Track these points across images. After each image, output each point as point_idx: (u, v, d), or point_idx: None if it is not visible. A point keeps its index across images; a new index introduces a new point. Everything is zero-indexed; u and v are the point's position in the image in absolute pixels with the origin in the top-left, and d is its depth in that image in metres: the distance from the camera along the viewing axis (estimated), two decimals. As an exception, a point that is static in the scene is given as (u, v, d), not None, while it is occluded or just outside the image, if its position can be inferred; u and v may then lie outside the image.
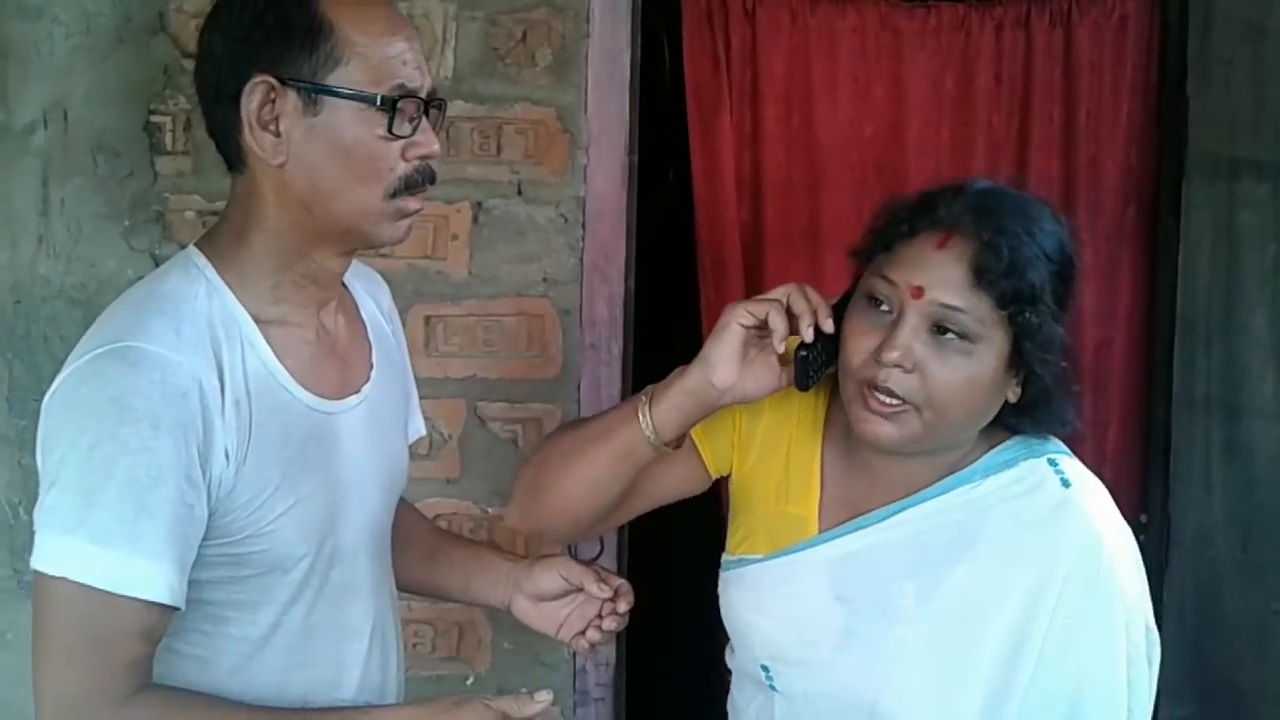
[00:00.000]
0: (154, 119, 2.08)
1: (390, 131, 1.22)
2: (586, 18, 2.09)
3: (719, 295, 2.28)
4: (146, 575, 1.15)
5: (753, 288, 2.28)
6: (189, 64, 2.06)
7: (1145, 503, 2.23)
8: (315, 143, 1.22)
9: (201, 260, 1.29)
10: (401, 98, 1.22)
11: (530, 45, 2.09)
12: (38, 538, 1.18)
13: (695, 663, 1.61)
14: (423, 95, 1.26)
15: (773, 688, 1.43)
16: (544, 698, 1.26)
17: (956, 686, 1.32)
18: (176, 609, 1.19)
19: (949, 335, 1.28)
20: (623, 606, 1.47)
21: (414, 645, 2.08)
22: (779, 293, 1.34)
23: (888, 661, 1.35)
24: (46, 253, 2.10)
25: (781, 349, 1.33)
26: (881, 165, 2.25)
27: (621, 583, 1.46)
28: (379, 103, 1.21)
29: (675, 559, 2.67)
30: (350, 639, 1.37)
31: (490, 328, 2.12)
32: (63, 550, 1.16)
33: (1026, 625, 1.31)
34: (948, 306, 1.27)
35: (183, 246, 2.06)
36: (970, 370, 1.28)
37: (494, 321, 2.12)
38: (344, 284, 1.41)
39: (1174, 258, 2.15)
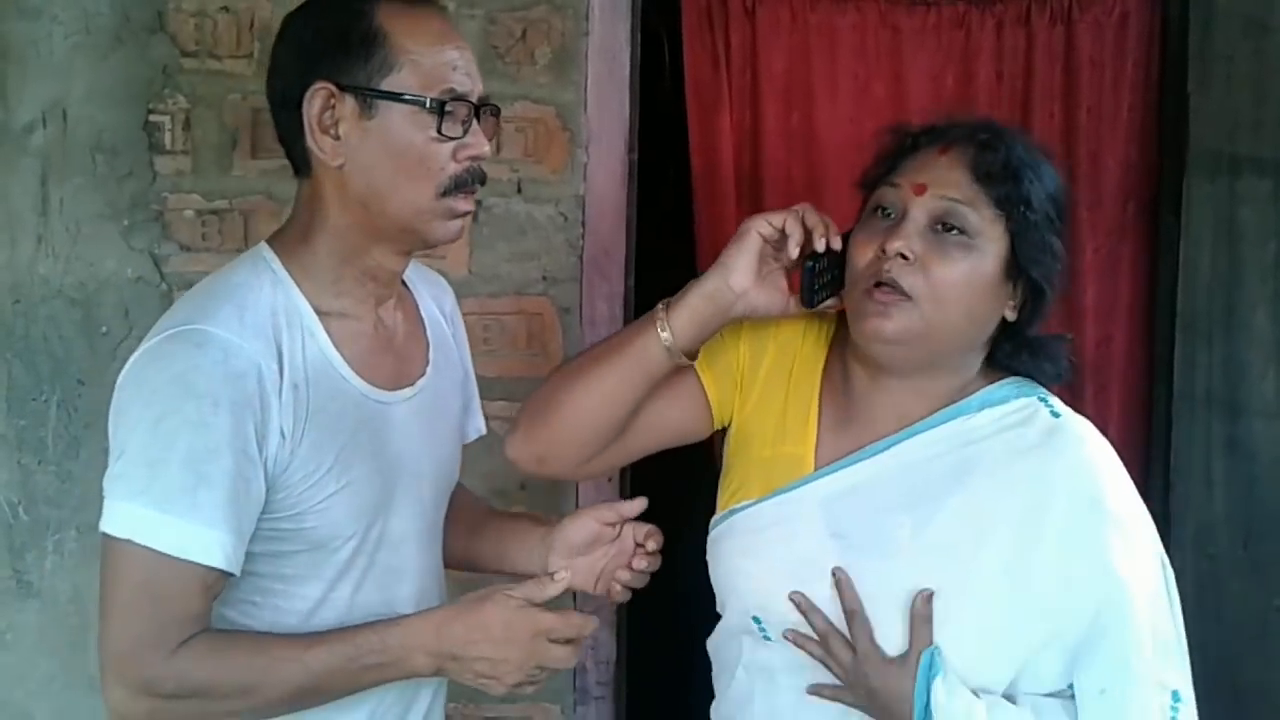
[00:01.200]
0: (153, 118, 2.09)
1: (440, 132, 1.30)
2: (586, 16, 2.09)
3: (719, 293, 2.28)
4: (204, 541, 1.24)
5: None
6: (188, 63, 2.08)
7: (1146, 499, 2.21)
8: (371, 144, 1.30)
9: (269, 254, 1.37)
10: (451, 100, 1.30)
11: (530, 43, 2.09)
12: (106, 503, 1.26)
13: (696, 661, 1.61)
14: (473, 99, 1.33)
15: (767, 638, 1.44)
16: (563, 575, 1.35)
17: (949, 620, 1.34)
18: (232, 574, 1.28)
19: (951, 231, 1.35)
20: (652, 545, 1.51)
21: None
22: (795, 208, 1.41)
23: (877, 597, 1.36)
24: (45, 252, 2.10)
25: (796, 253, 1.39)
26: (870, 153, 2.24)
27: (650, 526, 1.51)
28: (429, 105, 1.29)
29: (677, 557, 2.67)
30: None
31: (490, 326, 2.12)
32: (128, 515, 1.25)
33: (1024, 554, 1.33)
34: (949, 199, 1.35)
35: (181, 246, 2.09)
36: (970, 265, 1.35)
37: (494, 320, 2.12)
38: (406, 285, 1.50)
39: (1175, 254, 2.15)
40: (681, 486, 1.80)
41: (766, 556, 1.43)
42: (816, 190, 2.23)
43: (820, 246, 1.39)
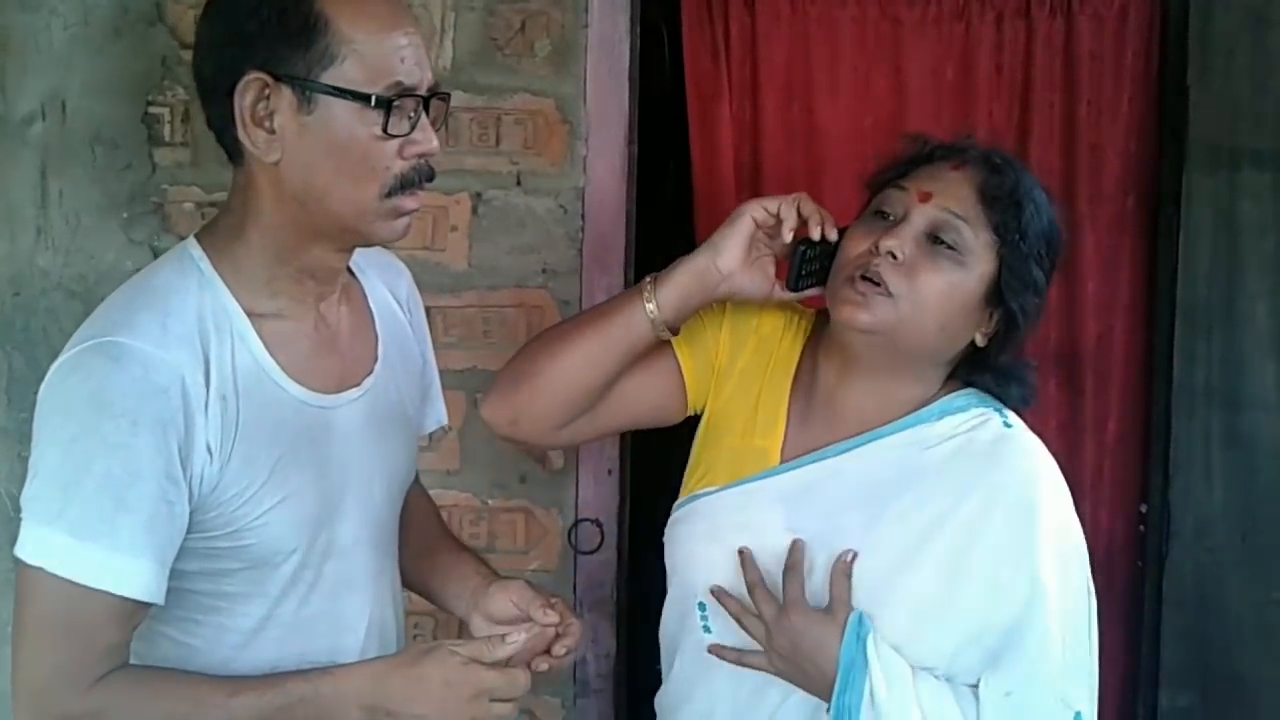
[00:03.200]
0: (152, 110, 2.08)
1: (385, 131, 1.20)
2: (585, 8, 2.09)
3: (719, 286, 2.28)
4: (122, 570, 1.16)
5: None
6: (187, 55, 2.07)
7: (1145, 492, 2.23)
8: (310, 141, 1.20)
9: (198, 252, 1.28)
10: (398, 96, 1.20)
11: (529, 35, 2.09)
12: (22, 525, 1.19)
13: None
14: (422, 92, 1.23)
15: (707, 629, 1.46)
16: (516, 639, 1.27)
17: (882, 609, 1.37)
18: (153, 604, 1.20)
19: (943, 245, 1.37)
20: (570, 641, 1.38)
21: (414, 637, 2.08)
22: (793, 196, 1.44)
23: (819, 592, 1.39)
24: (45, 245, 2.10)
25: (790, 238, 1.42)
26: (881, 155, 2.24)
27: (572, 620, 1.39)
28: (374, 102, 1.19)
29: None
30: (345, 633, 1.37)
31: (490, 319, 2.12)
32: (41, 541, 1.17)
33: (960, 554, 1.36)
34: (951, 212, 1.37)
35: (181, 238, 2.07)
36: (955, 280, 1.37)
37: (494, 313, 2.12)
38: (352, 273, 1.41)
39: (1174, 247, 2.14)
40: (680, 478, 1.79)
41: (722, 541, 1.45)
42: (816, 182, 2.23)
43: (815, 235, 1.41)
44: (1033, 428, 1.48)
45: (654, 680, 1.67)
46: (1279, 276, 2.12)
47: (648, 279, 1.47)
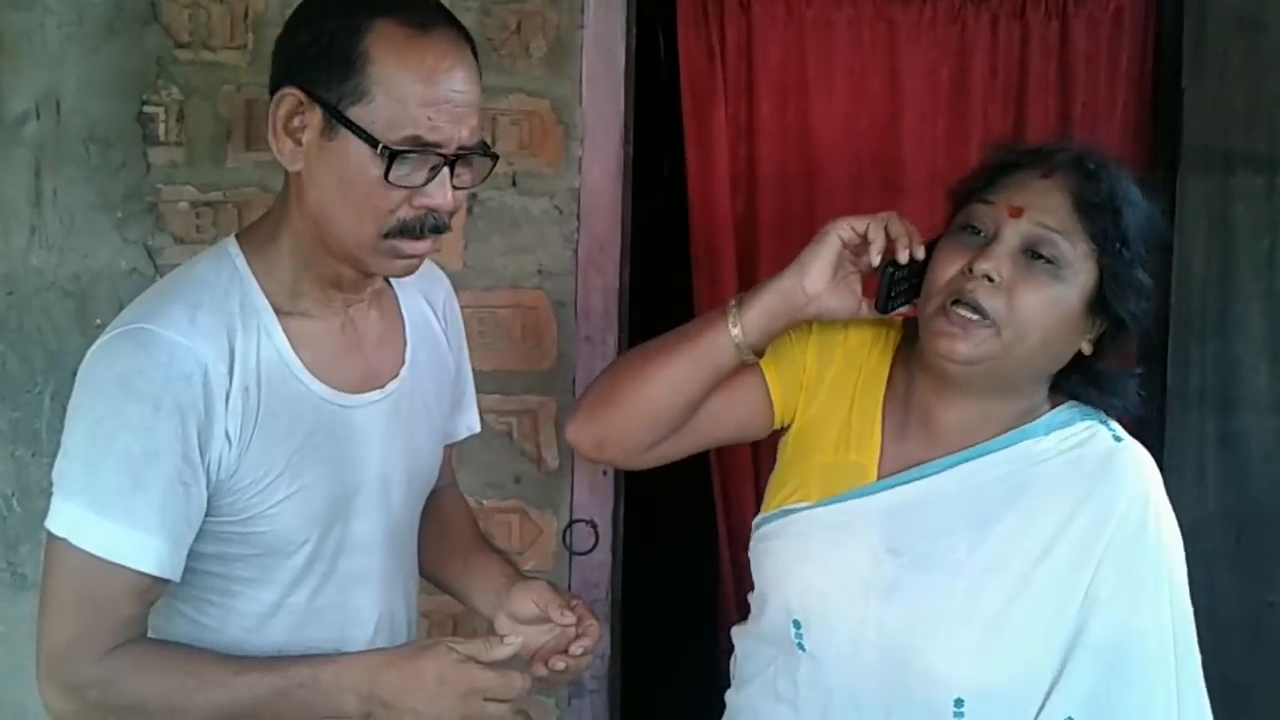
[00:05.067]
0: (147, 109, 2.08)
1: (388, 179, 1.21)
2: (581, 9, 2.09)
3: (713, 288, 2.28)
4: (138, 546, 1.22)
5: (746, 280, 2.28)
6: (182, 54, 2.07)
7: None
8: (327, 165, 1.24)
9: (235, 249, 1.33)
10: (413, 150, 1.21)
11: (525, 36, 2.09)
12: (52, 498, 1.25)
13: (690, 655, 1.61)
14: (448, 149, 1.23)
15: (801, 647, 1.41)
16: (513, 640, 1.30)
17: (994, 638, 1.32)
18: (168, 580, 1.25)
19: (1040, 260, 1.31)
20: (588, 642, 1.40)
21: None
22: (881, 215, 1.39)
23: (930, 616, 1.35)
24: (39, 244, 2.09)
25: (877, 260, 1.37)
26: (877, 158, 2.24)
27: (591, 622, 1.41)
28: (379, 150, 1.21)
29: (671, 553, 2.67)
30: (354, 626, 1.40)
31: (485, 320, 2.11)
32: (67, 514, 1.23)
33: (1070, 575, 1.32)
34: (1045, 227, 1.31)
35: (175, 237, 2.09)
36: (1056, 295, 1.32)
37: (489, 313, 2.12)
38: (387, 280, 1.44)
39: (1168, 250, 2.14)
40: (675, 480, 1.80)
41: (818, 561, 1.42)
42: (810, 184, 2.23)
43: (903, 257, 1.37)
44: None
45: (647, 682, 1.66)
46: (1272, 279, 2.12)
47: (732, 301, 1.43)
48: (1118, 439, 1.40)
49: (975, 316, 1.31)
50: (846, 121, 2.23)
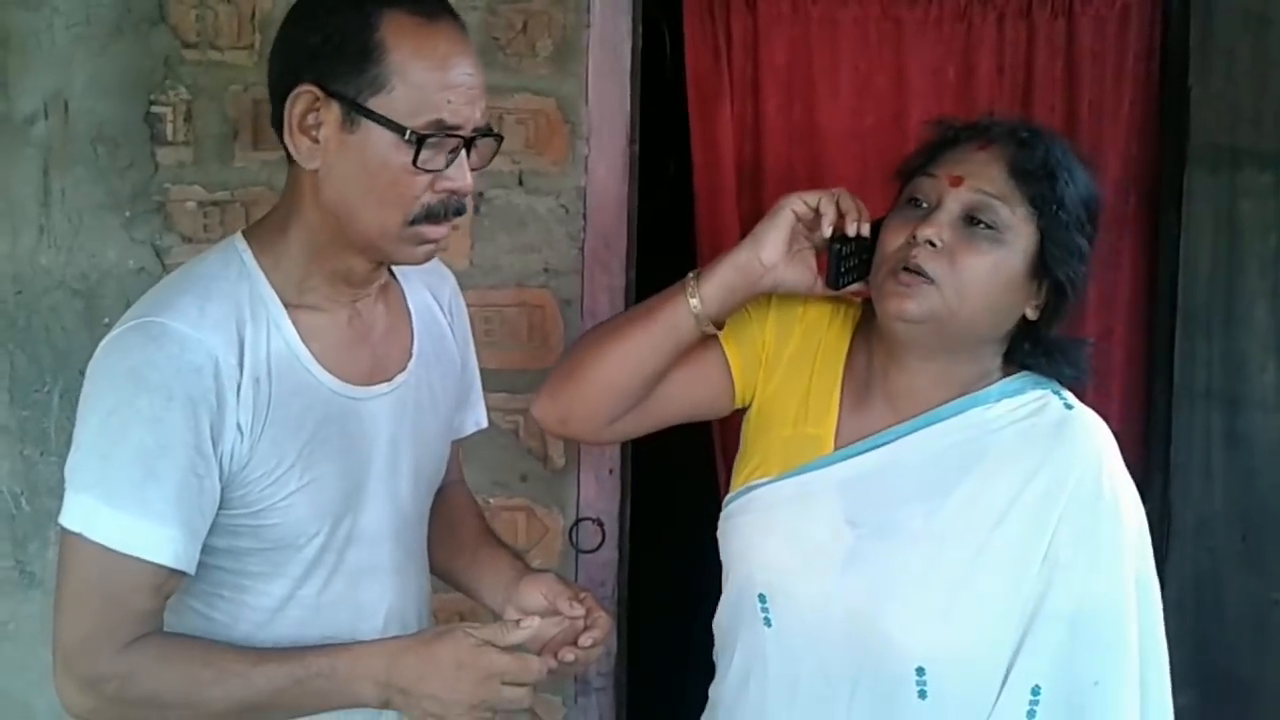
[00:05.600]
0: (154, 109, 2.09)
1: (417, 164, 1.24)
2: (587, 7, 2.09)
3: (720, 286, 2.28)
4: (152, 538, 1.23)
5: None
6: (189, 54, 2.08)
7: (1145, 492, 2.19)
8: (348, 158, 1.26)
9: (242, 244, 1.34)
10: (436, 133, 1.24)
11: (531, 35, 2.09)
12: (65, 493, 1.25)
13: (696, 653, 1.61)
14: (465, 132, 1.27)
15: (767, 622, 1.44)
16: (530, 623, 1.32)
17: (953, 606, 1.36)
18: (183, 572, 1.26)
19: (980, 225, 1.37)
20: (597, 634, 1.42)
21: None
22: (832, 190, 1.45)
23: (889, 586, 1.38)
24: (47, 243, 2.10)
25: (829, 233, 1.42)
26: (883, 156, 2.23)
27: (600, 614, 1.43)
28: (407, 135, 1.23)
29: (677, 550, 2.67)
30: (364, 619, 1.41)
31: (491, 318, 2.12)
32: (81, 507, 1.24)
33: (1028, 542, 1.36)
34: (984, 193, 1.37)
35: (183, 237, 2.10)
36: (996, 259, 1.37)
37: (495, 312, 2.12)
38: (393, 275, 1.46)
39: (1175, 248, 2.14)
40: (681, 477, 1.80)
41: (781, 533, 1.45)
42: (818, 183, 2.22)
43: (852, 231, 1.42)
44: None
45: (654, 679, 1.67)
46: (1279, 277, 2.12)
47: (691, 275, 1.47)
48: (1069, 406, 1.44)
49: (921, 278, 1.35)
50: (852, 119, 2.23)
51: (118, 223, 2.10)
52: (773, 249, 1.43)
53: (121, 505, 1.22)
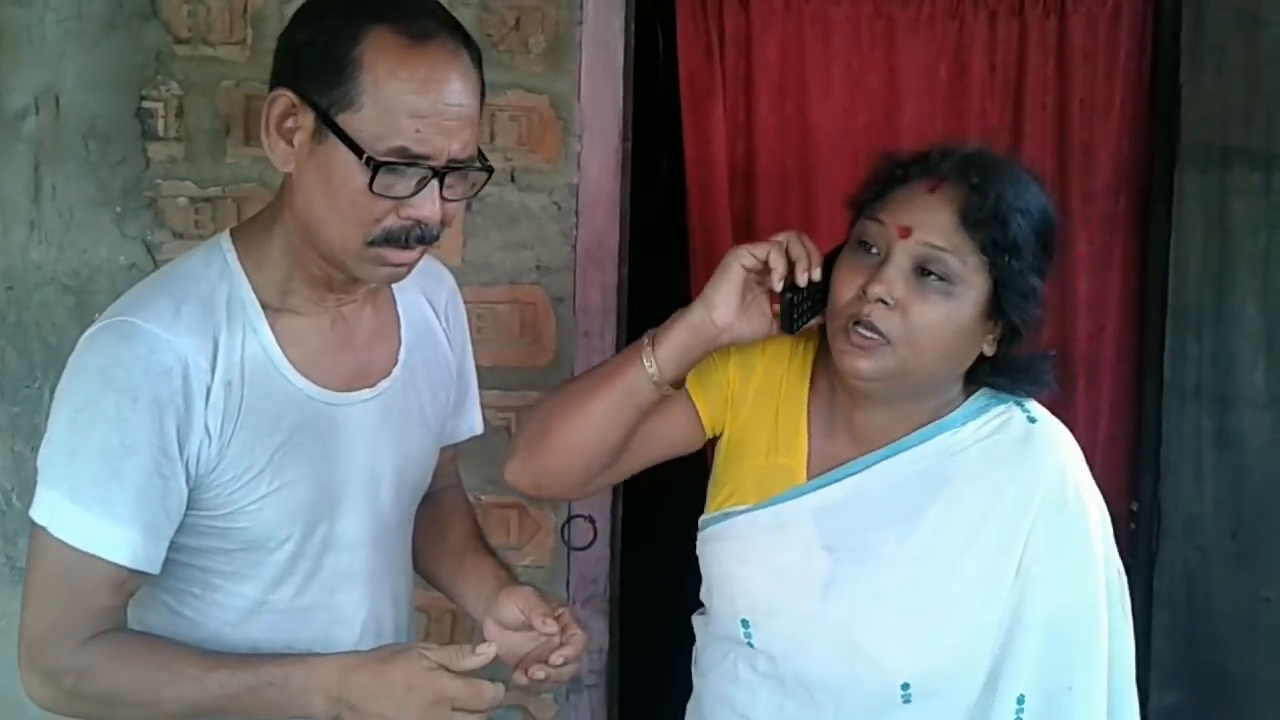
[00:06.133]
0: (146, 105, 2.08)
1: (372, 189, 1.20)
2: (580, 4, 2.09)
3: (712, 283, 2.28)
4: (112, 538, 1.23)
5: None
6: (181, 50, 2.07)
7: (1135, 490, 2.23)
8: (315, 168, 1.24)
9: (227, 244, 1.34)
10: (399, 162, 1.20)
11: (523, 32, 2.09)
12: (37, 485, 1.27)
13: (687, 651, 1.61)
14: (436, 162, 1.21)
15: (750, 644, 1.46)
16: (485, 650, 1.28)
17: (931, 624, 1.38)
18: (145, 573, 1.26)
19: (931, 276, 1.34)
20: (569, 651, 1.38)
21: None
22: (780, 238, 1.40)
23: (867, 607, 1.39)
24: (38, 239, 2.09)
25: (780, 287, 1.39)
26: (875, 153, 2.24)
27: (575, 631, 1.40)
28: (364, 160, 1.19)
29: (667, 547, 2.68)
30: (340, 625, 1.40)
31: (483, 315, 2.12)
32: (47, 502, 1.25)
33: (1000, 557, 1.37)
34: (933, 246, 1.34)
35: (174, 233, 2.09)
36: (948, 311, 1.34)
37: (487, 309, 2.12)
38: None
39: (1166, 246, 2.15)
40: (670, 480, 1.80)
41: (759, 563, 1.46)
42: (809, 179, 2.24)
43: (802, 281, 1.38)
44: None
45: (646, 676, 1.67)
46: (1269, 275, 2.12)
47: (645, 338, 1.44)
48: (1032, 420, 1.44)
49: (874, 336, 1.34)
50: (845, 118, 2.23)
51: (109, 218, 2.10)
52: (725, 308, 1.40)
53: (85, 503, 1.22)
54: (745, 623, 1.46)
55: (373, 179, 1.19)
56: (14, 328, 2.11)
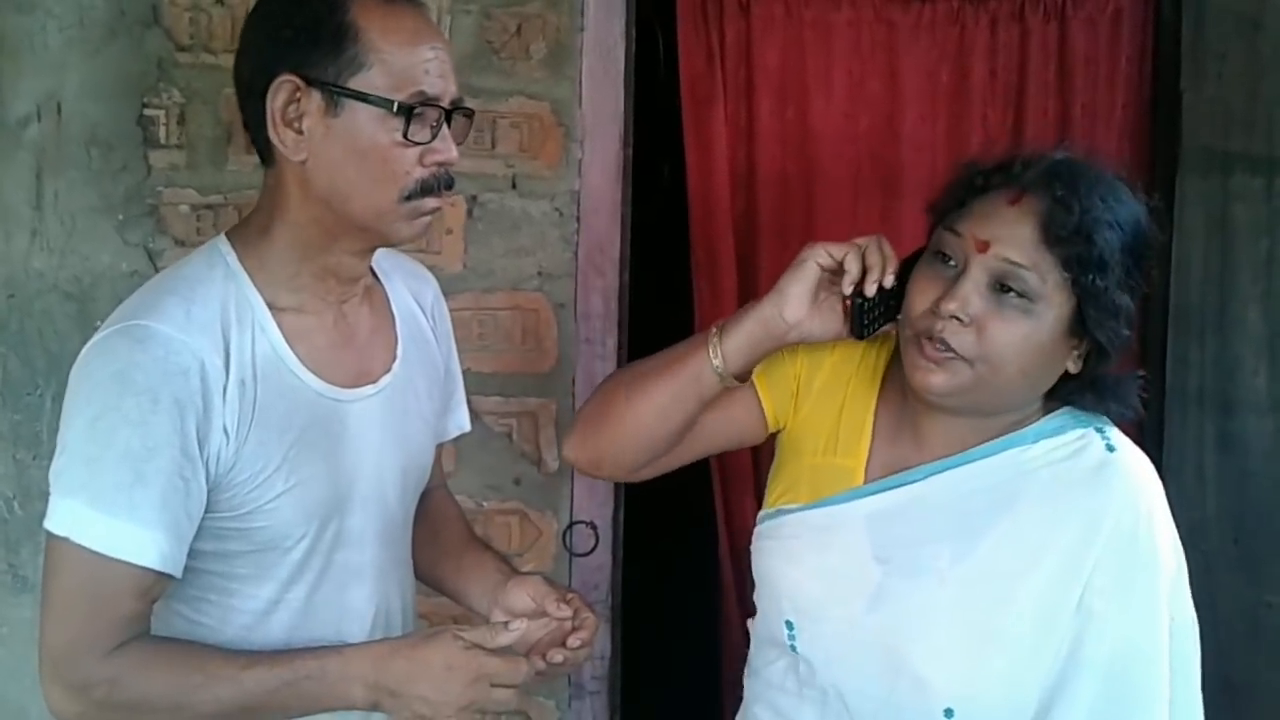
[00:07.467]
0: (147, 112, 2.09)
1: (406, 137, 1.26)
2: (581, 11, 2.09)
3: (713, 289, 2.29)
4: (139, 541, 1.22)
5: (746, 281, 2.29)
6: (182, 57, 2.08)
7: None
8: (335, 143, 1.26)
9: (226, 247, 1.34)
10: (420, 105, 1.26)
11: (525, 38, 2.09)
12: (50, 498, 1.25)
13: (689, 657, 1.61)
14: (444, 103, 1.28)
15: (793, 649, 1.42)
16: (518, 625, 1.32)
17: (981, 650, 1.31)
18: (170, 575, 1.25)
19: (1010, 293, 1.28)
20: (585, 634, 1.42)
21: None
22: (860, 241, 1.36)
23: (915, 624, 1.34)
24: (40, 246, 2.10)
25: (849, 291, 1.35)
26: (876, 159, 2.25)
27: (587, 615, 1.43)
28: (396, 108, 1.25)
29: (670, 554, 2.68)
30: (351, 620, 1.41)
31: (485, 321, 2.12)
32: (66, 512, 1.23)
33: (1060, 589, 1.30)
34: (1011, 263, 1.27)
35: (176, 240, 2.10)
36: (1028, 330, 1.28)
37: (489, 315, 2.12)
38: (376, 277, 1.46)
39: (1167, 251, 2.14)
40: (675, 488, 1.80)
41: (806, 564, 1.42)
42: (810, 185, 2.24)
43: (871, 290, 1.34)
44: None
45: (648, 682, 1.67)
46: (1271, 280, 2.13)
47: (714, 329, 1.41)
48: (1111, 448, 1.36)
49: (948, 353, 1.29)
50: (846, 123, 2.24)
51: (110, 226, 2.10)
52: (797, 305, 1.36)
53: (108, 509, 1.21)
54: (790, 624, 1.42)
55: (406, 126, 1.25)
56: (16, 335, 2.11)
